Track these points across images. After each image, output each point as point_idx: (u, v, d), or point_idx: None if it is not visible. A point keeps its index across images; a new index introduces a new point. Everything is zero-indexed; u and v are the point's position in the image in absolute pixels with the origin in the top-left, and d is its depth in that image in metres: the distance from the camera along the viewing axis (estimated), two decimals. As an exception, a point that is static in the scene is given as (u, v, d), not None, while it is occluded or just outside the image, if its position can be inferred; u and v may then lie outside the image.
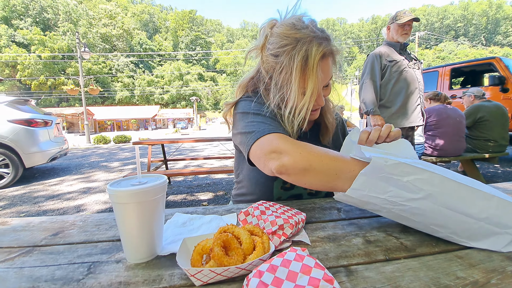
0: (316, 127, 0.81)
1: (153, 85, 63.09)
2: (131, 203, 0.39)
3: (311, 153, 0.50)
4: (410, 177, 0.42)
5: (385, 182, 0.44)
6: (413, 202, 0.43)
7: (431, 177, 0.42)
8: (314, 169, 0.49)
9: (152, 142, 2.86)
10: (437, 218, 0.43)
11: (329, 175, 0.49)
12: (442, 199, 0.42)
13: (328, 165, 0.49)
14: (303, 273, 0.27)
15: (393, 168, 0.43)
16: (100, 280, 0.37)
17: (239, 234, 0.40)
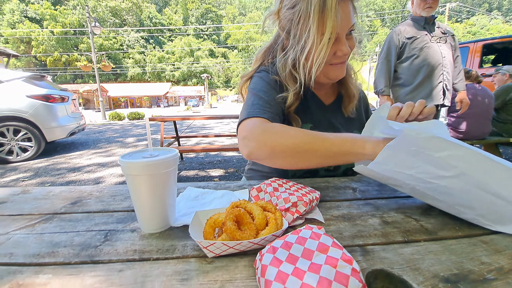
0: (338, 101, 0.77)
1: (164, 62, 62.49)
2: (142, 175, 0.39)
3: (277, 139, 0.51)
4: (444, 152, 0.38)
5: (413, 156, 0.40)
6: (442, 180, 0.40)
7: (467, 154, 0.37)
8: (278, 155, 0.52)
9: (164, 119, 2.89)
10: (465, 199, 0.40)
11: (298, 157, 0.51)
12: (475, 178, 0.38)
13: (296, 148, 0.50)
14: (320, 251, 0.26)
15: (426, 141, 0.38)
16: (116, 247, 0.38)
17: (252, 209, 0.39)
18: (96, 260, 0.35)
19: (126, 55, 63.19)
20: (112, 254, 0.36)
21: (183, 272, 0.32)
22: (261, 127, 0.55)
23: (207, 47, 68.90)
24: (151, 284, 0.30)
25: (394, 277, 0.31)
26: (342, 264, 0.24)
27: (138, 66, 60.95)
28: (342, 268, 0.23)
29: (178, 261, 0.35)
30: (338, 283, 0.22)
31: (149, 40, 69.62)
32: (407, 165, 0.41)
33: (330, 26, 0.56)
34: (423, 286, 0.30)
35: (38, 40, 49.94)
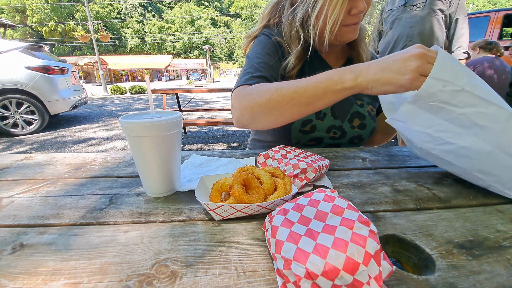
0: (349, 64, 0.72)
1: (164, 32, 59.71)
2: (145, 136, 0.37)
3: (252, 100, 0.50)
4: (470, 109, 0.34)
5: (433, 113, 0.37)
6: (462, 140, 0.36)
7: (497, 112, 0.33)
8: (258, 115, 0.50)
9: (166, 91, 2.82)
10: (486, 163, 0.37)
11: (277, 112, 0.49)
12: (500, 139, 0.34)
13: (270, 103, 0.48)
14: (334, 213, 0.24)
15: (450, 95, 0.34)
16: (121, 210, 0.38)
17: (259, 174, 0.38)
18: (102, 222, 0.35)
19: (124, 25, 60.35)
20: (118, 216, 0.36)
21: (190, 234, 0.32)
22: (241, 93, 0.54)
23: (209, 15, 65.16)
24: (157, 245, 0.30)
25: (406, 242, 0.30)
26: (358, 225, 0.22)
27: (138, 37, 58.52)
28: (359, 229, 0.22)
29: (185, 224, 0.34)
30: (355, 244, 0.20)
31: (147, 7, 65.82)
32: (427, 122, 0.38)
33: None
34: (436, 251, 0.29)
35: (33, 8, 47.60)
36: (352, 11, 0.56)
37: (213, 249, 0.29)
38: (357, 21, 0.59)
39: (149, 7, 66.13)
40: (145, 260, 0.28)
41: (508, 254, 0.29)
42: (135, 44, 57.43)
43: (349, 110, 0.69)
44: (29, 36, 50.09)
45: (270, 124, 0.53)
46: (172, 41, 59.36)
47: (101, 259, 0.28)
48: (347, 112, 0.68)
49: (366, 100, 0.71)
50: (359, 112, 0.69)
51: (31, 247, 0.30)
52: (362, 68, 0.42)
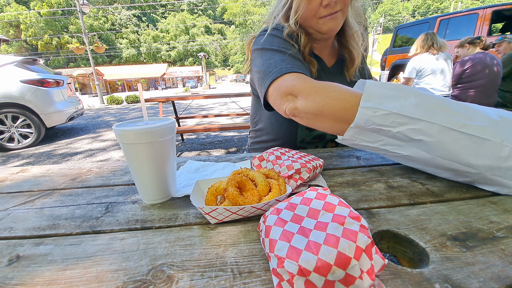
0: (341, 63, 0.74)
1: (159, 41, 60.14)
2: (139, 143, 0.37)
3: (327, 97, 0.46)
4: (402, 127, 0.38)
5: (375, 132, 0.41)
6: (404, 150, 0.41)
7: (427, 127, 0.37)
8: (325, 115, 0.47)
9: (162, 99, 2.83)
10: (435, 168, 0.42)
11: (339, 121, 0.46)
12: (437, 149, 0.38)
13: (340, 111, 0.45)
14: (326, 210, 0.25)
15: (382, 119, 0.39)
16: (117, 218, 0.38)
17: (254, 176, 0.38)
18: (98, 230, 0.35)
19: (119, 35, 60.79)
20: (114, 224, 0.36)
21: (186, 238, 0.32)
22: (307, 83, 0.49)
23: (203, 23, 65.84)
24: (153, 251, 0.30)
25: (401, 236, 0.31)
26: (349, 221, 0.23)
27: (133, 47, 58.87)
28: (350, 225, 0.22)
29: (181, 229, 0.34)
30: (346, 239, 0.21)
31: (142, 18, 66.44)
32: (372, 139, 0.43)
33: None
34: (430, 244, 0.29)
35: (27, 23, 47.82)
36: (323, 2, 0.57)
37: (209, 252, 0.29)
38: (331, 12, 0.58)
39: (143, 17, 66.78)
40: (141, 266, 0.28)
41: (502, 245, 0.29)
42: (131, 54, 57.75)
43: None
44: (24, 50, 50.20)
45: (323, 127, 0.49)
46: (167, 50, 59.77)
47: (97, 267, 0.28)
48: None
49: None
50: None
51: (27, 259, 0.29)
52: None
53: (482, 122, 0.37)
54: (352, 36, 0.69)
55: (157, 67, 42.70)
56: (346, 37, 0.69)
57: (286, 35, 0.62)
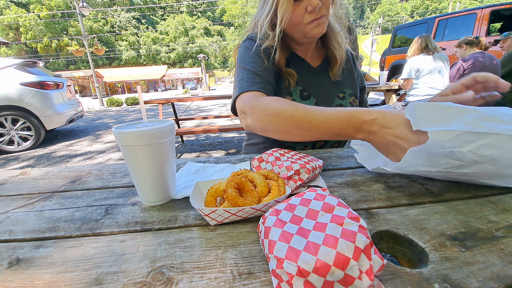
0: (325, 63, 0.75)
1: (159, 43, 60.27)
2: (139, 145, 0.37)
3: (268, 114, 0.52)
4: (472, 145, 0.35)
5: (442, 155, 0.37)
6: (468, 168, 0.38)
7: (496, 140, 0.35)
8: (268, 130, 0.53)
9: (162, 101, 2.83)
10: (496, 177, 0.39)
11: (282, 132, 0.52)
12: (504, 160, 0.36)
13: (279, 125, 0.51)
14: (325, 211, 0.25)
15: (455, 140, 0.35)
16: (117, 220, 0.38)
17: (253, 177, 0.38)
18: (98, 233, 0.35)
19: (119, 38, 60.94)
20: (114, 226, 0.36)
21: (186, 240, 0.32)
22: (253, 102, 0.56)
23: (202, 25, 66.00)
24: (153, 253, 0.30)
25: (400, 237, 0.31)
26: (348, 221, 0.23)
27: (132, 49, 58.99)
28: (349, 225, 0.22)
29: (181, 230, 0.34)
30: (345, 240, 0.21)
31: (141, 20, 66.62)
32: (434, 163, 0.39)
33: None
34: (429, 244, 0.29)
35: (26, 25, 47.96)
36: (308, 9, 0.58)
37: (209, 254, 0.29)
38: (316, 17, 0.60)
39: (143, 19, 66.95)
40: (141, 268, 0.28)
41: (501, 244, 0.29)
42: (130, 56, 57.88)
43: (332, 103, 0.72)
44: (24, 52, 50.29)
45: (281, 139, 0.56)
46: (167, 52, 59.89)
47: (97, 269, 0.28)
48: (330, 105, 0.72)
49: (348, 92, 0.75)
50: (341, 105, 0.72)
51: (27, 261, 0.29)
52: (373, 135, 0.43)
53: None
54: (334, 37, 0.70)
55: (157, 69, 42.82)
56: (329, 38, 0.70)
57: (263, 50, 0.65)
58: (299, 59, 0.72)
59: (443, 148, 0.36)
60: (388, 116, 0.40)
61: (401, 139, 0.38)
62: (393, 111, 0.40)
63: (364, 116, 0.42)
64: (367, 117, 0.42)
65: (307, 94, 0.70)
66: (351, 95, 0.75)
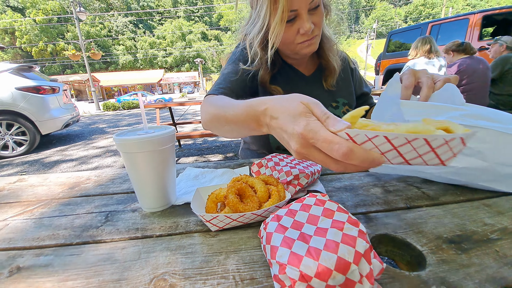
0: (319, 72, 0.75)
1: (156, 47, 60.38)
2: (140, 152, 0.37)
3: (204, 112, 0.51)
4: None
5: None
6: (460, 162, 0.39)
7: (482, 134, 0.36)
8: (209, 128, 0.52)
9: (159, 105, 2.83)
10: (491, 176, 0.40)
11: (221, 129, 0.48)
12: (493, 155, 0.37)
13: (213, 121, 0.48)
14: (325, 216, 0.25)
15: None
16: (118, 227, 0.38)
17: (253, 183, 0.39)
18: (98, 240, 0.35)
19: (115, 42, 60.94)
20: (114, 233, 0.36)
21: (187, 246, 0.32)
22: (205, 103, 0.55)
23: (199, 30, 66.35)
24: (155, 259, 0.30)
25: (398, 240, 0.31)
26: (348, 226, 0.23)
27: (129, 53, 58.94)
28: (349, 230, 0.23)
29: (182, 237, 0.34)
30: (345, 245, 0.21)
31: (138, 25, 66.78)
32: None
33: (281, 5, 0.52)
34: (427, 247, 0.30)
35: (22, 30, 47.72)
36: (300, 31, 0.59)
37: (211, 260, 0.29)
38: (307, 38, 0.60)
39: (140, 24, 67.12)
40: (143, 275, 0.28)
41: (496, 246, 0.30)
42: (127, 60, 57.81)
43: None
44: (19, 57, 49.93)
45: (222, 135, 0.54)
46: (164, 56, 59.98)
47: (98, 277, 0.28)
48: None
49: (341, 101, 0.74)
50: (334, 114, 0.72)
51: (27, 270, 0.29)
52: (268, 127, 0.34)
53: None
54: (330, 48, 0.70)
55: (154, 73, 42.82)
56: (324, 50, 0.70)
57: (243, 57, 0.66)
58: (290, 69, 0.72)
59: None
60: (277, 103, 0.32)
61: (283, 130, 0.29)
62: (286, 97, 0.32)
63: (259, 106, 0.34)
64: (261, 107, 0.33)
65: None
66: (344, 104, 0.74)
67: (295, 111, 0.28)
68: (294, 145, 0.27)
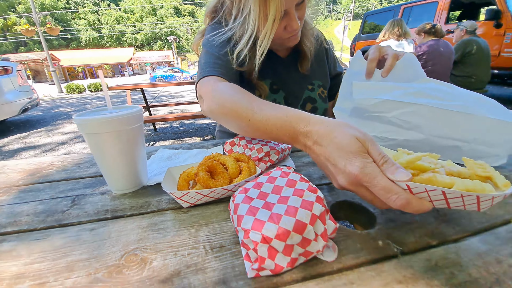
0: (294, 54, 0.74)
1: (123, 23, 55.16)
2: (104, 133, 0.36)
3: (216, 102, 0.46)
4: (396, 112, 0.42)
5: (371, 120, 0.44)
6: (400, 135, 0.44)
7: (418, 109, 0.41)
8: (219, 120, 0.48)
9: (130, 87, 2.66)
10: (429, 147, 0.44)
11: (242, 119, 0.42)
12: (430, 128, 0.42)
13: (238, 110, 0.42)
14: (288, 186, 0.27)
15: (377, 106, 0.42)
16: (86, 210, 0.37)
17: (225, 160, 0.39)
18: (65, 224, 0.34)
19: (76, 15, 54.52)
20: (82, 216, 0.35)
21: (159, 223, 0.33)
22: (208, 87, 0.51)
23: (171, 4, 61.39)
24: (126, 237, 0.30)
25: (355, 205, 0.35)
26: (308, 193, 0.25)
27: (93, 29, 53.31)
28: (308, 196, 0.25)
29: (154, 215, 0.35)
30: (303, 209, 0.23)
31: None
32: (369, 128, 0.45)
33: (274, 8, 0.50)
34: (378, 210, 0.33)
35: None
36: (287, 28, 0.58)
37: (182, 234, 0.30)
38: (293, 33, 0.60)
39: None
40: (114, 252, 0.28)
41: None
42: (91, 37, 52.41)
43: (301, 96, 0.72)
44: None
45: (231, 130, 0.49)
46: (133, 33, 55.20)
47: (66, 258, 0.28)
48: (300, 98, 0.72)
49: (317, 83, 0.75)
50: (310, 97, 0.73)
51: (-12, 256, 0.28)
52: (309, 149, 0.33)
53: (461, 101, 0.42)
54: (305, 34, 0.69)
55: (123, 52, 39.57)
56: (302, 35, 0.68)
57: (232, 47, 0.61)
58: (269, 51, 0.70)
59: (369, 112, 0.43)
60: (323, 129, 0.30)
61: (329, 161, 0.29)
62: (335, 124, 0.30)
63: (299, 125, 0.33)
64: (302, 128, 0.33)
65: (276, 87, 0.69)
66: (319, 86, 0.75)
67: (349, 148, 0.27)
68: (342, 180, 0.27)
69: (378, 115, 0.43)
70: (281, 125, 0.35)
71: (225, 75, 0.56)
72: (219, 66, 0.58)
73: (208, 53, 0.60)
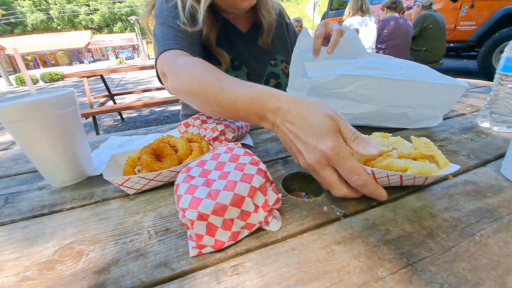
0: (255, 29, 0.71)
1: (75, 2, 49.03)
2: (27, 119, 0.32)
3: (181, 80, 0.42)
4: (351, 86, 0.43)
5: (330, 97, 0.45)
6: (357, 108, 0.46)
7: (369, 82, 0.43)
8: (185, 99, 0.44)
9: (87, 74, 2.42)
10: (382, 117, 0.48)
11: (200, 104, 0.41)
12: (381, 100, 0.45)
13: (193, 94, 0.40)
14: (231, 161, 0.26)
15: (333, 83, 0.43)
16: (19, 208, 0.33)
17: (175, 142, 0.37)
18: (-7, 224, 0.30)
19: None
20: (15, 215, 0.32)
21: (102, 213, 0.30)
22: (171, 63, 0.47)
23: (128, -19, 55.49)
24: (62, 231, 0.28)
25: (307, 177, 0.35)
26: (249, 166, 0.25)
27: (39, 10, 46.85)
28: (249, 170, 0.24)
29: (97, 205, 0.32)
30: (243, 182, 0.23)
31: (42, -30, 52.20)
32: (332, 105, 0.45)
33: None
34: (330, 179, 0.34)
35: None
36: None
37: (126, 221, 0.29)
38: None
39: (44, -31, 52.54)
40: (47, 249, 0.26)
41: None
42: (38, 19, 46.13)
43: (264, 71, 0.70)
44: None
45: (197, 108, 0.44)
46: (88, 13, 49.53)
47: (-8, 260, 0.25)
48: (263, 74, 0.70)
49: (279, 59, 0.74)
50: (273, 72, 0.71)
51: None
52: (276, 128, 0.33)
53: (403, 70, 0.45)
54: (263, 4, 0.66)
55: (78, 36, 35.63)
56: (260, 6, 0.66)
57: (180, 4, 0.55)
58: (228, 25, 0.67)
59: (327, 90, 0.44)
60: (295, 107, 0.30)
61: (299, 139, 0.29)
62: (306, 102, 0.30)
63: (269, 102, 0.32)
64: (272, 105, 0.32)
65: (238, 64, 0.66)
66: (282, 61, 0.73)
67: (322, 127, 0.27)
68: (310, 158, 0.27)
69: (335, 91, 0.44)
70: (250, 103, 0.33)
71: (187, 48, 0.51)
72: (180, 39, 0.52)
73: (164, 25, 0.54)
